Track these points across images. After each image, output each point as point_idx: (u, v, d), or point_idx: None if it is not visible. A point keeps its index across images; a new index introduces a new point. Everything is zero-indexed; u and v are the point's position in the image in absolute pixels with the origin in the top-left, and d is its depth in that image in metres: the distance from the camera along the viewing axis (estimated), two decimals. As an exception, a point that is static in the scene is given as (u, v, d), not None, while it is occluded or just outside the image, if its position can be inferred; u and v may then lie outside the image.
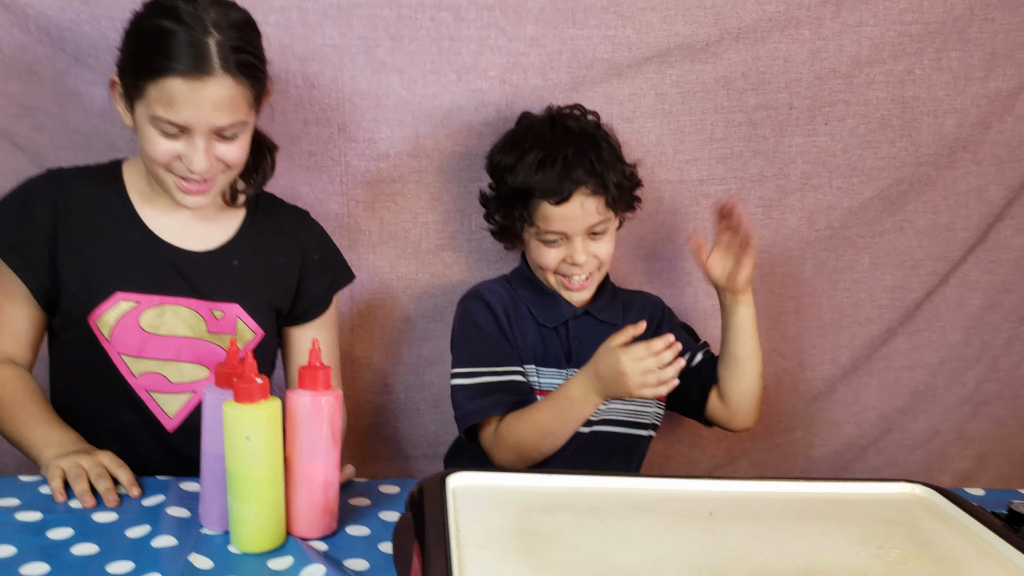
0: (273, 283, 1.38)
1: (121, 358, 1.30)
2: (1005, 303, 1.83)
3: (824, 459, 1.82)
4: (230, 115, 1.21)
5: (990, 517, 0.98)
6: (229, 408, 1.00)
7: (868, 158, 1.74)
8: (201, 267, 1.32)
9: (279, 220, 1.41)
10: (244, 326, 1.35)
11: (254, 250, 1.36)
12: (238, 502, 1.02)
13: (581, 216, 1.41)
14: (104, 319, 1.28)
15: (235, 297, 1.34)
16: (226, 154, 1.24)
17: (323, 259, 1.43)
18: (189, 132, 1.20)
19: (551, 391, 1.43)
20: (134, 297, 1.29)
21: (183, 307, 1.31)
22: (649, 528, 0.94)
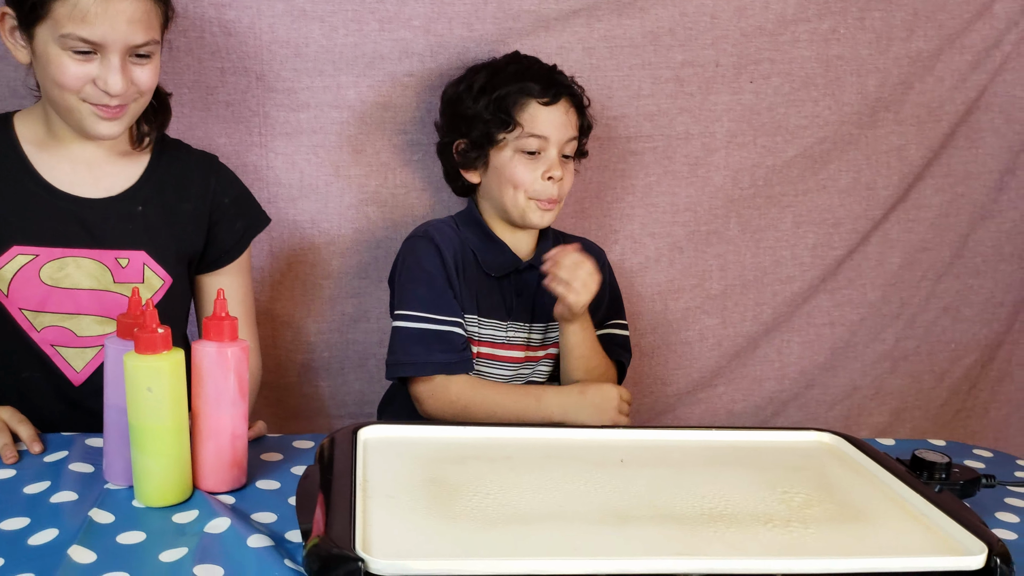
0: (181, 229, 1.33)
1: (21, 313, 1.25)
2: (924, 261, 1.87)
3: (746, 414, 1.84)
4: (144, 32, 1.18)
5: (894, 463, 0.99)
6: (130, 359, 0.97)
7: (792, 117, 1.75)
8: (103, 214, 1.27)
9: (185, 165, 1.36)
10: (152, 273, 1.31)
11: (159, 195, 1.32)
12: (142, 455, 0.99)
13: (565, 122, 1.43)
14: (1, 273, 1.23)
15: (140, 244, 1.29)
16: (140, 77, 1.20)
17: (234, 203, 1.39)
18: (103, 50, 1.16)
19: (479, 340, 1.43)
20: (32, 250, 1.24)
21: (86, 258, 1.26)
22: (560, 476, 0.94)
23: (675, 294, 1.78)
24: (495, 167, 1.45)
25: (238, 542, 0.91)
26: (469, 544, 0.79)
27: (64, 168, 1.27)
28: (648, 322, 1.78)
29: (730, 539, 0.82)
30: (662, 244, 1.76)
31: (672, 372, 1.81)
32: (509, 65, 1.48)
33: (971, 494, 1.03)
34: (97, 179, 1.28)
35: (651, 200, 1.74)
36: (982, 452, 1.29)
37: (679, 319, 1.79)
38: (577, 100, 1.47)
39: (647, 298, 1.77)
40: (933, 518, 0.87)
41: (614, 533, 0.83)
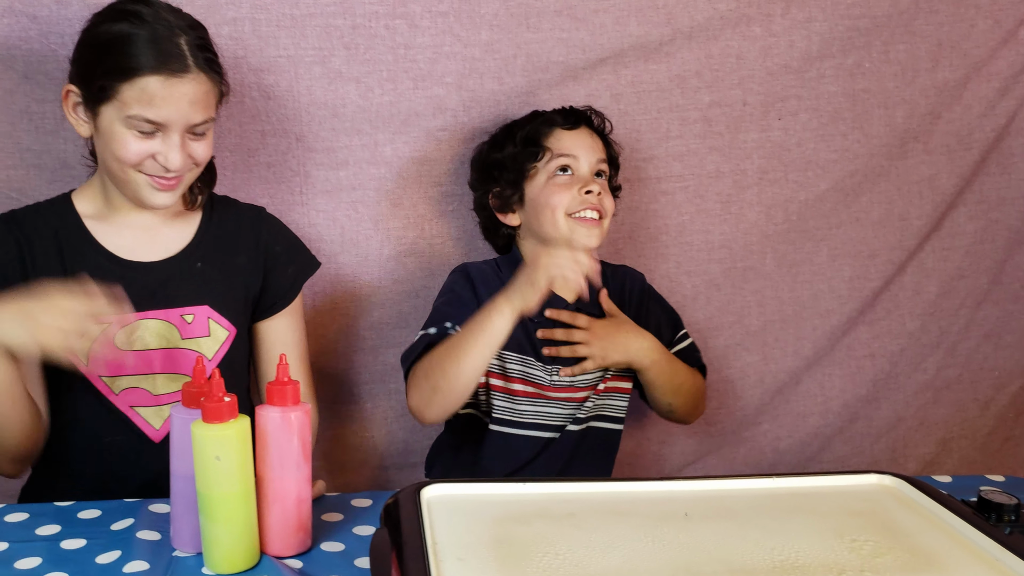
0: (238, 280, 1.38)
1: (100, 380, 1.30)
2: (961, 289, 1.87)
3: (791, 450, 1.84)
4: (203, 111, 1.25)
5: (960, 505, 0.99)
6: (198, 428, 0.99)
7: (822, 151, 1.77)
8: (166, 275, 1.33)
9: (236, 219, 1.41)
10: (217, 326, 1.35)
11: (215, 251, 1.37)
12: (210, 523, 1.01)
13: (591, 144, 1.48)
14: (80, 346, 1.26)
15: (203, 299, 1.34)
16: (196, 151, 1.26)
17: (286, 251, 1.44)
18: (165, 129, 1.22)
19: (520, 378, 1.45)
20: (105, 320, 1.27)
21: (153, 319, 1.31)
22: (625, 532, 0.94)
23: (714, 332, 1.79)
24: (531, 199, 1.47)
25: (311, 608, 0.93)
26: (545, 606, 0.80)
27: (125, 236, 1.32)
28: (688, 361, 1.78)
29: (803, 591, 0.83)
30: (699, 282, 1.77)
31: (715, 411, 1.81)
32: (530, 117, 1.54)
33: (1038, 534, 1.02)
34: (155, 242, 1.34)
35: (685, 239, 1.76)
36: (1045, 488, 1.28)
37: (719, 357, 1.79)
38: (600, 130, 1.52)
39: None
40: (1007, 563, 0.87)
41: (687, 589, 0.83)
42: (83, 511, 1.15)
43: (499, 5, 1.57)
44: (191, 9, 1.42)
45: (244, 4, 1.49)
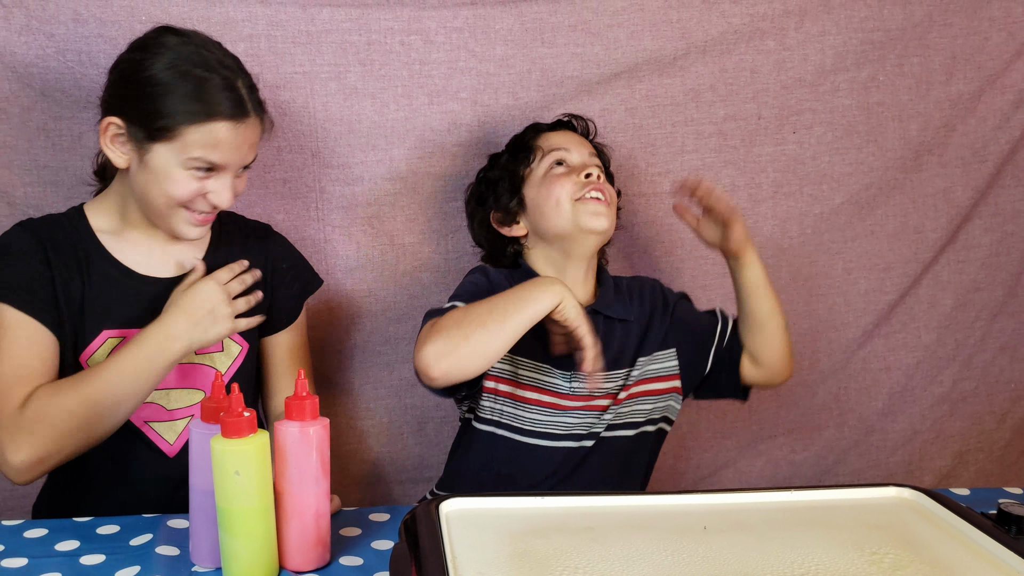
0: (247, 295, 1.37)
1: None
2: (976, 301, 1.86)
3: (807, 463, 1.83)
4: (254, 150, 1.30)
5: (979, 518, 0.99)
6: (217, 443, 0.99)
7: (837, 164, 1.77)
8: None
9: (244, 236, 1.43)
10: (230, 341, 1.38)
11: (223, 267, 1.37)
12: (229, 537, 1.01)
13: (579, 141, 1.48)
14: (95, 358, 1.29)
15: None
16: (239, 187, 1.30)
17: (291, 268, 1.47)
18: (221, 170, 1.25)
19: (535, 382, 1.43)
20: (120, 333, 1.31)
21: None
22: (644, 546, 0.94)
23: (729, 346, 1.78)
24: (532, 199, 1.46)
25: (331, 623, 0.93)
26: (566, 620, 0.80)
27: (138, 251, 1.34)
28: (703, 375, 1.78)
29: (824, 605, 0.82)
30: (714, 296, 1.77)
31: (731, 425, 1.81)
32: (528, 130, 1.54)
33: (1059, 546, 1.02)
34: (169, 259, 1.35)
35: (700, 253, 1.76)
36: (1062, 500, 1.28)
37: (735, 370, 1.79)
38: (583, 131, 1.53)
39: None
40: (1028, 576, 0.87)
41: (707, 603, 0.83)
42: (102, 526, 1.16)
43: (514, 20, 1.58)
44: (207, 26, 1.45)
45: (260, 21, 1.50)
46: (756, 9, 1.67)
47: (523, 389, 1.43)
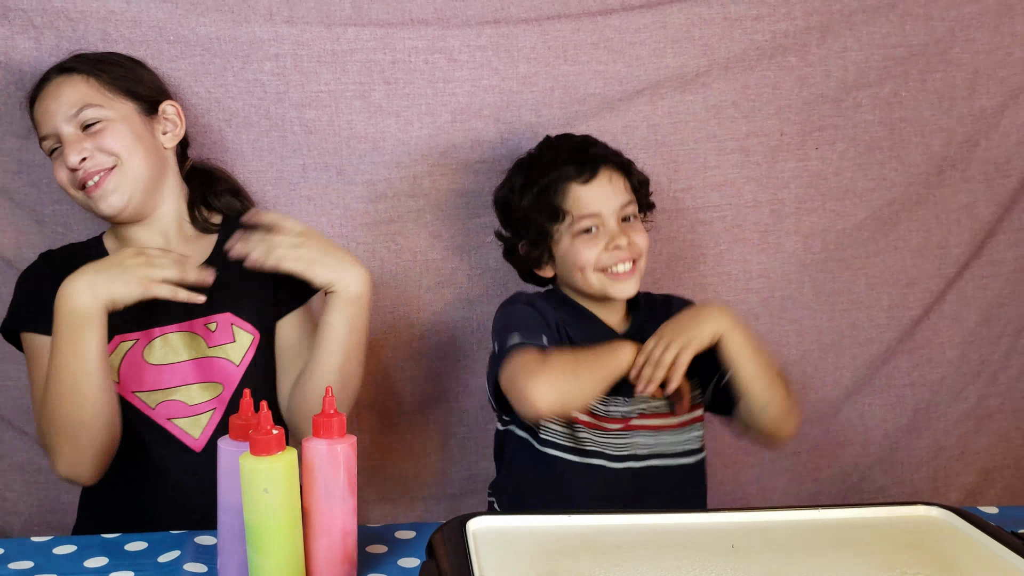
0: (255, 281, 1.37)
1: (135, 396, 1.33)
2: (1002, 317, 1.85)
3: (831, 480, 1.82)
4: (76, 103, 1.33)
5: (1010, 537, 0.98)
6: (246, 461, 1.00)
7: (859, 180, 1.76)
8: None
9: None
10: (240, 331, 1.38)
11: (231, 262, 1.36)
12: (258, 555, 1.02)
13: (611, 193, 1.42)
14: (110, 363, 1.30)
15: (224, 307, 1.37)
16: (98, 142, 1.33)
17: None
18: (59, 137, 1.34)
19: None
20: (132, 336, 1.34)
21: (178, 332, 1.35)
22: (673, 565, 0.94)
23: (752, 362, 1.78)
24: (560, 257, 1.45)
25: (359, 641, 0.93)
26: (595, 640, 0.80)
27: None
28: (726, 391, 1.77)
29: (855, 626, 0.82)
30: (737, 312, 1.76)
31: (754, 441, 1.80)
32: (543, 154, 1.49)
33: (1091, 566, 1.01)
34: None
35: (723, 268, 1.76)
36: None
37: (758, 386, 1.78)
38: (618, 160, 1.47)
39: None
40: (1061, 597, 0.86)
41: (736, 623, 0.83)
42: (130, 543, 1.17)
43: (536, 39, 1.59)
44: (234, 47, 1.48)
45: (287, 40, 1.52)
46: (778, 26, 1.68)
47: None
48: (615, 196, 1.43)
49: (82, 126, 1.33)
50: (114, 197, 1.34)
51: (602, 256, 1.41)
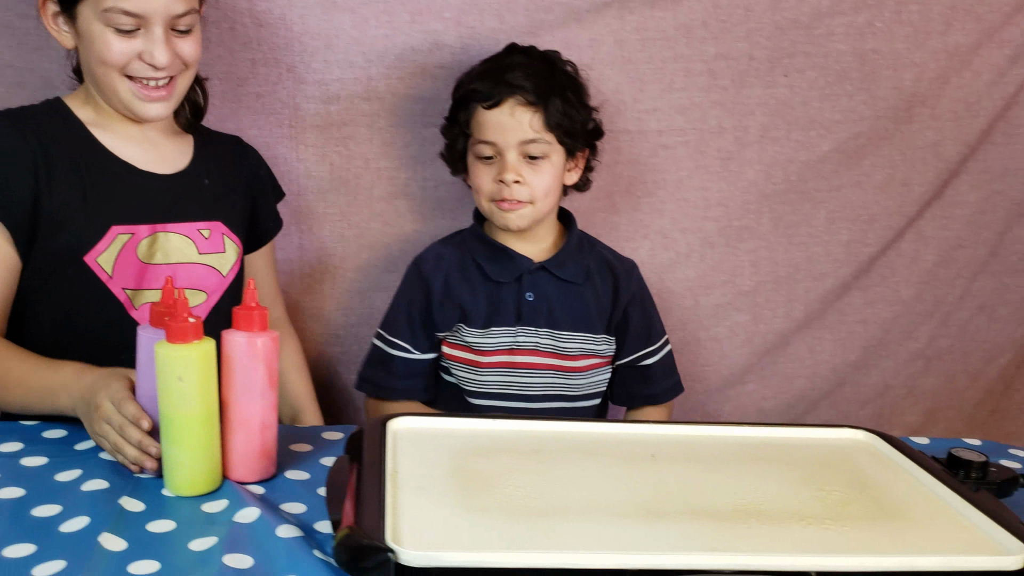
0: (237, 200, 1.38)
1: (124, 292, 1.27)
2: (959, 259, 1.83)
3: (776, 411, 1.82)
4: (185, 2, 1.19)
5: (930, 461, 0.98)
6: (161, 348, 0.97)
7: (826, 111, 1.73)
8: (181, 189, 1.31)
9: (221, 144, 1.41)
10: (230, 242, 1.35)
11: (213, 170, 1.35)
12: (172, 445, 0.99)
13: (512, 125, 1.36)
14: (105, 256, 1.24)
15: (216, 215, 1.33)
16: (183, 49, 1.22)
17: (268, 176, 1.46)
18: (146, 23, 1.18)
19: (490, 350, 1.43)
20: (129, 229, 1.26)
21: (173, 232, 1.29)
22: (590, 470, 0.93)
23: (706, 290, 1.76)
24: (469, 169, 1.45)
25: (267, 532, 0.91)
26: (499, 536, 0.79)
27: (132, 147, 1.29)
28: (678, 318, 1.76)
29: (764, 535, 0.81)
30: (693, 240, 1.74)
31: (702, 368, 1.79)
32: (489, 62, 1.44)
33: (1008, 494, 1.00)
34: (163, 156, 1.31)
35: (683, 195, 1.73)
36: (1018, 452, 1.27)
37: (709, 315, 1.77)
38: (537, 95, 1.36)
39: (677, 294, 1.76)
40: (970, 517, 0.86)
41: (645, 528, 0.82)
42: (48, 431, 1.14)
43: (503, -60, 1.53)
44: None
45: (238, -73, 1.45)
46: (753, -56, 1.62)
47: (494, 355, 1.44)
48: (516, 130, 1.36)
49: (174, 27, 1.20)
50: (166, 107, 1.25)
51: (492, 188, 1.40)
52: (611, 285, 1.48)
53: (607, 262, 1.51)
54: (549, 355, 1.45)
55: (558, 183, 1.42)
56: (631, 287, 1.50)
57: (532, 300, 1.43)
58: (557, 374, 1.45)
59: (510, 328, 1.44)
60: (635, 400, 1.53)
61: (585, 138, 1.45)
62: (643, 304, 1.52)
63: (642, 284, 1.54)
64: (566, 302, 1.44)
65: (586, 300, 1.46)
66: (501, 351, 1.43)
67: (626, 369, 1.51)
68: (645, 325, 1.51)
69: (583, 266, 1.47)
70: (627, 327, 1.49)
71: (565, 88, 1.40)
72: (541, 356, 1.44)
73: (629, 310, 1.49)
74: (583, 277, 1.46)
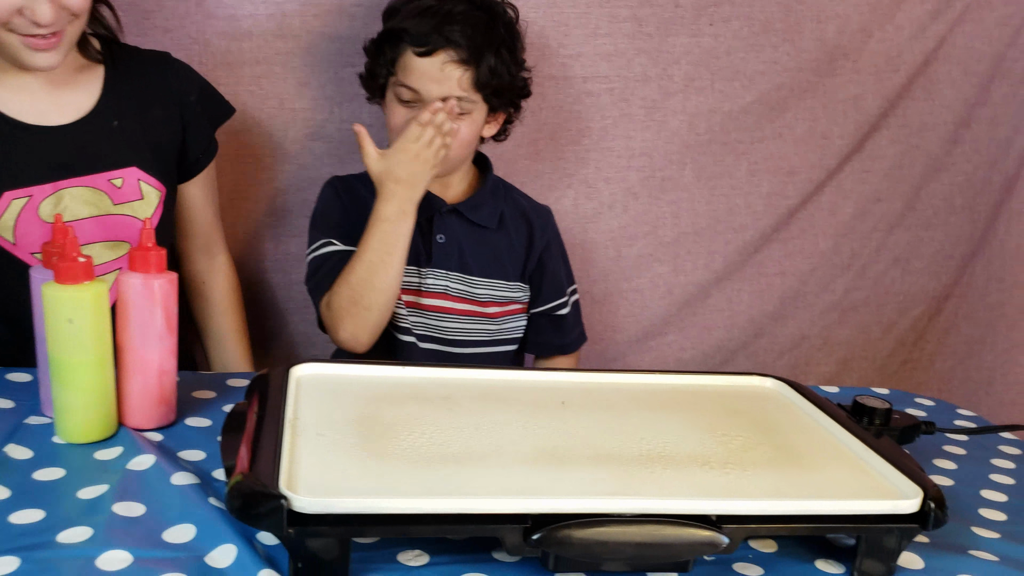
0: (158, 134, 1.30)
1: (33, 257, 1.21)
2: (876, 212, 1.86)
3: (694, 362, 1.83)
4: None
5: (835, 408, 0.98)
6: (49, 289, 0.92)
7: (751, 62, 1.72)
8: (81, 139, 1.23)
9: (141, 68, 1.30)
10: (149, 188, 1.28)
11: (128, 105, 1.27)
12: (62, 390, 0.95)
13: (440, 79, 1.30)
14: (3, 223, 1.19)
15: (129, 161, 1.26)
16: (68, 1, 1.12)
17: (200, 100, 1.36)
18: None
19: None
20: (25, 192, 1.20)
21: (79, 187, 1.23)
22: (498, 417, 0.91)
23: (628, 241, 1.76)
24: (385, 105, 1.39)
25: (162, 479, 0.88)
26: (397, 483, 0.77)
27: (24, 100, 1.21)
28: (600, 269, 1.75)
29: (666, 480, 0.81)
30: (616, 189, 1.73)
31: (622, 319, 1.79)
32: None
33: (910, 440, 1.02)
34: (61, 105, 1.23)
35: (606, 144, 1.71)
36: (924, 401, 1.29)
37: (631, 266, 1.77)
38: (472, 53, 1.30)
39: (600, 244, 1.75)
40: (871, 462, 0.87)
41: (549, 473, 0.81)
42: (-65, 375, 1.09)
43: None
44: None
45: None
46: None
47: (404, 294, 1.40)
48: (443, 85, 1.30)
49: None
50: (57, 56, 1.15)
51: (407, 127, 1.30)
52: (526, 233, 1.46)
53: (522, 209, 1.48)
54: (460, 299, 1.42)
55: (476, 136, 1.39)
56: (546, 235, 1.48)
57: (443, 242, 1.40)
58: (472, 319, 1.43)
59: (418, 268, 1.40)
60: (546, 349, 1.51)
61: (512, 97, 1.41)
62: (559, 252, 1.50)
63: (556, 232, 1.51)
64: (478, 247, 1.41)
65: (499, 246, 1.43)
66: (408, 291, 1.40)
67: (540, 317, 1.49)
68: (559, 275, 1.49)
69: (497, 211, 1.44)
70: (542, 275, 1.47)
71: (500, 45, 1.34)
72: (451, 300, 1.42)
73: (544, 258, 1.47)
74: (496, 222, 1.43)
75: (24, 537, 0.78)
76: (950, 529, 0.86)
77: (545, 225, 1.49)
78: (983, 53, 1.82)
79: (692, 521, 0.74)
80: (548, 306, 1.49)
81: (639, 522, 0.74)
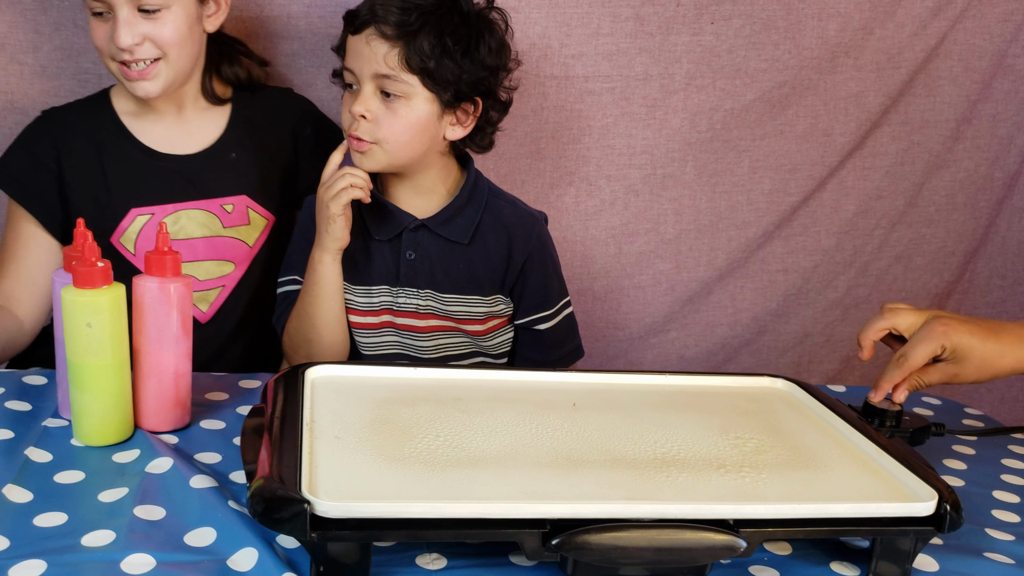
0: (272, 166, 1.42)
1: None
2: (878, 209, 1.87)
3: (697, 359, 1.85)
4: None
5: (845, 409, 1.00)
6: (68, 293, 0.93)
7: (752, 60, 1.73)
8: (202, 167, 1.37)
9: (263, 104, 1.43)
10: (256, 215, 1.40)
11: (247, 140, 1.40)
12: (80, 393, 0.96)
13: (367, 55, 1.22)
14: (127, 236, 1.34)
15: (241, 189, 1.39)
16: (152, 32, 1.24)
17: (316, 132, 1.46)
18: (113, 6, 1.22)
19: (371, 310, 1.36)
20: (149, 210, 1.35)
21: (195, 210, 1.36)
22: (511, 418, 0.92)
23: (629, 237, 1.77)
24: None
25: (180, 482, 0.89)
26: (416, 487, 0.78)
27: (159, 130, 1.36)
28: (601, 265, 1.76)
29: (682, 484, 0.82)
30: (617, 187, 1.74)
31: (624, 316, 1.80)
32: None
33: (920, 442, 1.03)
34: (189, 135, 1.38)
35: (608, 142, 1.72)
36: (931, 400, 1.31)
37: (633, 263, 1.78)
38: (404, 32, 1.21)
39: (601, 241, 1.76)
40: (884, 465, 0.88)
41: (564, 477, 0.82)
42: (-50, 379, 1.10)
43: None
44: None
45: None
46: None
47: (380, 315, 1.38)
48: (370, 61, 1.22)
49: (139, 6, 1.22)
50: (152, 86, 1.28)
51: (349, 118, 1.26)
52: (505, 243, 1.35)
53: (503, 218, 1.37)
54: (429, 316, 1.36)
55: (420, 128, 1.26)
56: (528, 246, 1.37)
57: (412, 259, 1.33)
58: (448, 335, 1.38)
59: (390, 287, 1.35)
60: (528, 363, 1.44)
61: (464, 92, 1.27)
62: (542, 264, 1.39)
63: (545, 242, 1.40)
64: (450, 263, 1.34)
65: (473, 261, 1.35)
66: (383, 311, 1.36)
67: (522, 331, 1.42)
68: (542, 287, 1.40)
69: (472, 223, 1.34)
70: (523, 287, 1.38)
71: (445, 32, 1.23)
72: (419, 319, 1.36)
73: (526, 268, 1.37)
74: (469, 237, 1.33)
75: (49, 540, 0.79)
76: (964, 531, 0.87)
77: (529, 235, 1.37)
78: (984, 50, 1.83)
79: (710, 525, 0.75)
80: (526, 320, 1.41)
81: (658, 527, 0.75)
